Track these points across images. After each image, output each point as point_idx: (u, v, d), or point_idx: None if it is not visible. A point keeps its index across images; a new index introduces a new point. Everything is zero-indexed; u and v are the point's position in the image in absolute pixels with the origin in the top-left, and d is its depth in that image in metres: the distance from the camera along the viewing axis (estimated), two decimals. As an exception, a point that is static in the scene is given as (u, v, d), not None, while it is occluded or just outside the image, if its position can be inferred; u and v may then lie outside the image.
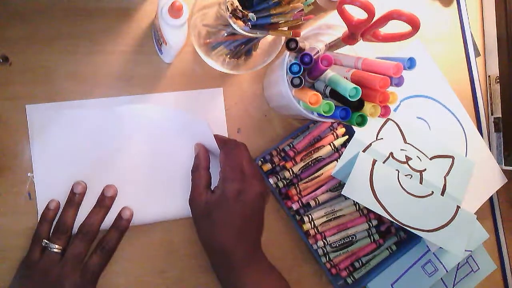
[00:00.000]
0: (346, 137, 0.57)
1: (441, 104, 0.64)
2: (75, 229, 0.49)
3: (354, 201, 0.56)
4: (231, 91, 0.56)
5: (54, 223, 0.48)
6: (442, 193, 0.58)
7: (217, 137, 0.50)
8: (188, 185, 0.51)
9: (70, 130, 0.50)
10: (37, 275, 0.45)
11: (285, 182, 0.56)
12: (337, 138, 0.57)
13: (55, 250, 0.46)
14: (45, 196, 0.49)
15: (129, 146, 0.52)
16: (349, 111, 0.43)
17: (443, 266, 0.60)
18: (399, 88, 0.44)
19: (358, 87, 0.40)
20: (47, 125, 0.49)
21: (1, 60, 0.48)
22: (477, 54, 0.69)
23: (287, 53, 0.46)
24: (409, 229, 0.53)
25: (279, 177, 0.55)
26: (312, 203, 0.55)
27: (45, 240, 0.47)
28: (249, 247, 0.47)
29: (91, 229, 0.48)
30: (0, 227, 0.48)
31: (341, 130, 0.57)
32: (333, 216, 0.56)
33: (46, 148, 0.49)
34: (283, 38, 0.49)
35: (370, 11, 0.38)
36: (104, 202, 0.50)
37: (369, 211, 0.57)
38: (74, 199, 0.49)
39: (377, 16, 0.39)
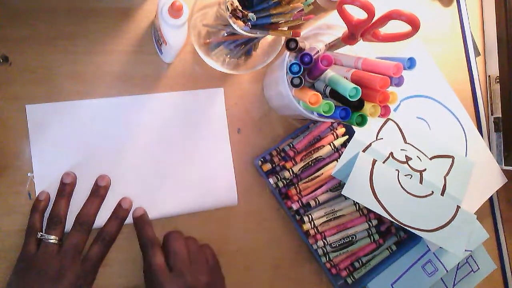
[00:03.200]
0: (346, 137, 0.57)
1: (441, 104, 0.64)
2: (71, 221, 0.49)
3: (354, 201, 0.56)
4: (231, 91, 0.56)
5: (47, 215, 0.48)
6: (442, 193, 0.58)
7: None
8: (189, 180, 0.50)
9: (70, 129, 0.50)
10: (36, 267, 0.45)
11: (285, 182, 0.56)
12: (337, 138, 0.57)
13: (51, 241, 0.46)
14: (45, 196, 0.49)
15: (129, 144, 0.52)
16: (349, 111, 0.43)
17: (443, 266, 0.60)
18: (399, 88, 0.44)
19: (358, 87, 0.40)
20: (47, 125, 0.49)
21: (1, 60, 0.48)
22: (477, 54, 0.69)
23: (287, 53, 0.46)
24: (409, 229, 0.53)
25: (279, 177, 0.55)
26: (312, 203, 0.55)
27: (40, 232, 0.47)
28: None
29: (88, 219, 0.48)
30: (0, 227, 0.48)
31: (341, 130, 0.57)
32: (333, 216, 0.56)
33: (46, 148, 0.49)
34: (283, 38, 0.49)
35: (370, 11, 0.38)
36: (99, 191, 0.50)
37: (369, 211, 0.57)
38: (65, 189, 0.49)
39: (377, 16, 0.39)
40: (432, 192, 0.55)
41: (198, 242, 0.51)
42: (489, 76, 0.68)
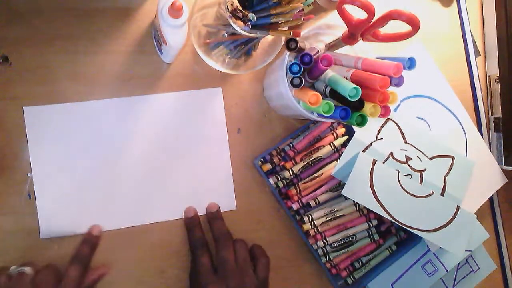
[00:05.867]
0: (346, 137, 0.57)
1: (441, 104, 0.64)
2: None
3: (354, 201, 0.56)
4: (231, 91, 0.56)
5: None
6: (442, 193, 0.58)
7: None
8: (187, 184, 0.50)
9: (68, 131, 0.50)
10: None
11: (285, 182, 0.56)
12: (337, 138, 0.57)
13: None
14: (44, 197, 0.49)
15: (128, 145, 0.52)
16: (349, 111, 0.43)
17: (443, 266, 0.60)
18: (399, 88, 0.44)
19: (358, 87, 0.40)
20: (45, 127, 0.49)
21: (1, 60, 0.48)
22: (477, 54, 0.69)
23: (287, 53, 0.46)
24: (409, 229, 0.53)
25: (279, 177, 0.55)
26: (312, 203, 0.55)
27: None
28: None
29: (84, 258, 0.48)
30: (0, 227, 0.48)
31: (341, 130, 0.57)
32: (333, 216, 0.56)
33: (45, 149, 0.49)
34: (283, 38, 0.49)
35: (370, 11, 0.38)
36: (91, 240, 0.49)
37: (369, 211, 0.57)
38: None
39: (377, 16, 0.39)
40: (432, 192, 0.55)
41: (248, 253, 0.51)
42: (489, 76, 0.68)
